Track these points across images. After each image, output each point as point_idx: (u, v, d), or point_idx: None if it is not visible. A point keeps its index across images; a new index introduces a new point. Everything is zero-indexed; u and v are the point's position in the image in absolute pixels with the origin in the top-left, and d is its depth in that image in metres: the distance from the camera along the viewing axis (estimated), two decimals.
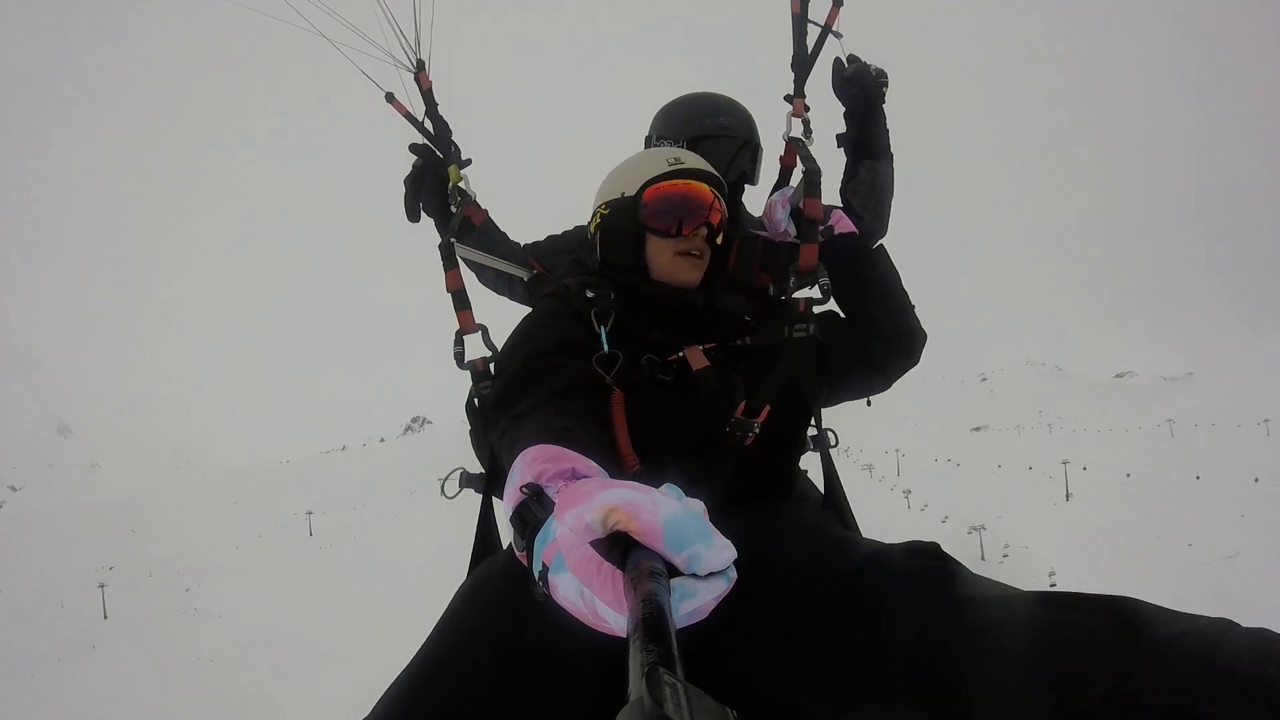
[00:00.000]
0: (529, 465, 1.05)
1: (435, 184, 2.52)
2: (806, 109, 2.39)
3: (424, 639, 1.40)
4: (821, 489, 1.90)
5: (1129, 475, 30.45)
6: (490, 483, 1.85)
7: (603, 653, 0.91)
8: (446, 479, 1.92)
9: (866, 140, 2.45)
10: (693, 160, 1.94)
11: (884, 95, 2.44)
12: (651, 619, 0.66)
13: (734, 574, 0.83)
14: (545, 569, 0.88)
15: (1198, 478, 28.82)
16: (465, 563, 1.77)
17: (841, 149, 2.48)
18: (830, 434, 1.99)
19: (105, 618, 26.30)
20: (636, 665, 0.60)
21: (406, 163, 2.57)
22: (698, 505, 0.88)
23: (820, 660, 1.18)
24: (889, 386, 2.07)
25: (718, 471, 1.59)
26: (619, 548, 0.82)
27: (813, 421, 1.94)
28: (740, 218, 2.52)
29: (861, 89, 2.43)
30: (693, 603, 0.79)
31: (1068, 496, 28.35)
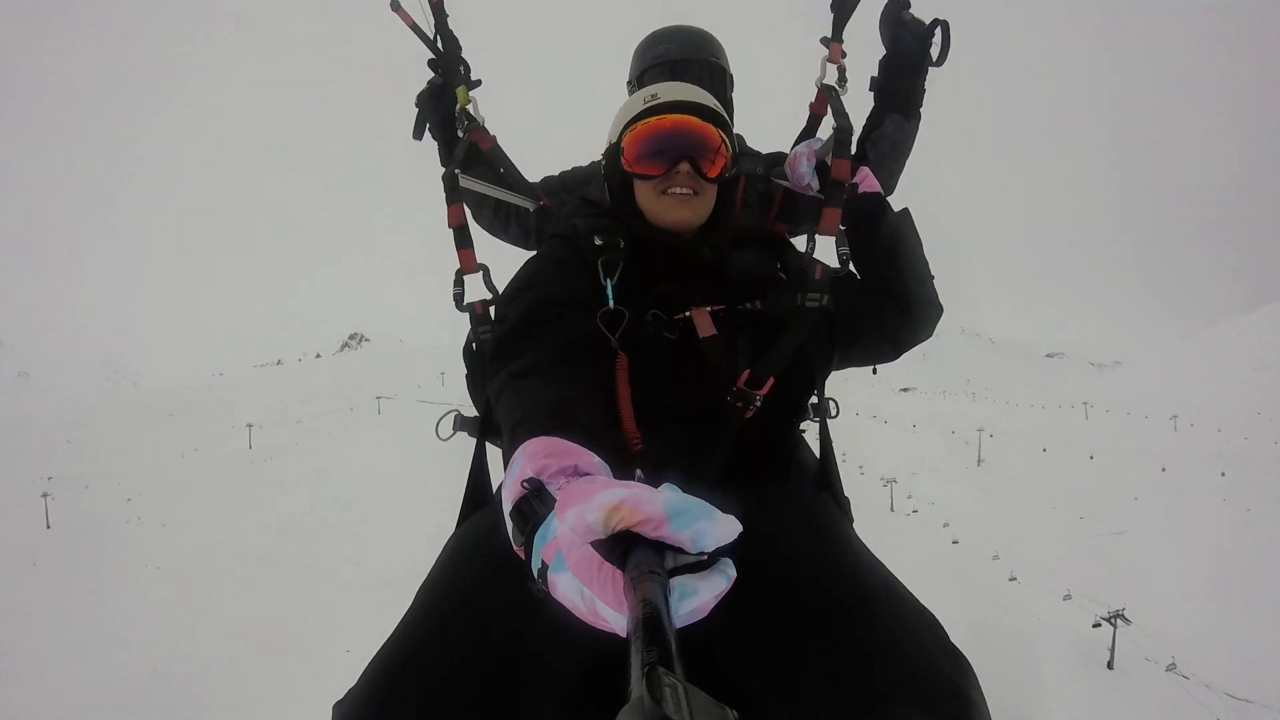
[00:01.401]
0: (530, 459, 1.04)
1: (447, 107, 2.38)
2: (844, 55, 2.22)
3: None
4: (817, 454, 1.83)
5: (1045, 450, 32.49)
6: (485, 428, 1.75)
7: (590, 638, 0.90)
8: (441, 420, 1.85)
9: (903, 92, 2.25)
10: (671, 92, 1.79)
11: (943, 57, 2.21)
12: (651, 619, 0.67)
13: (733, 572, 0.84)
14: (544, 566, 0.88)
15: (1091, 458, 31.17)
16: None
17: (870, 93, 2.27)
18: (832, 403, 1.88)
19: (48, 528, 26.48)
20: (636, 665, 0.61)
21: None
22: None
23: (812, 667, 1.16)
24: (899, 357, 1.94)
25: (718, 441, 1.53)
26: (619, 548, 0.82)
27: (815, 391, 1.85)
28: (738, 151, 2.33)
29: (917, 39, 2.19)
30: (693, 602, 0.79)
31: (979, 461, 30.34)
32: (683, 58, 2.42)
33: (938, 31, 2.17)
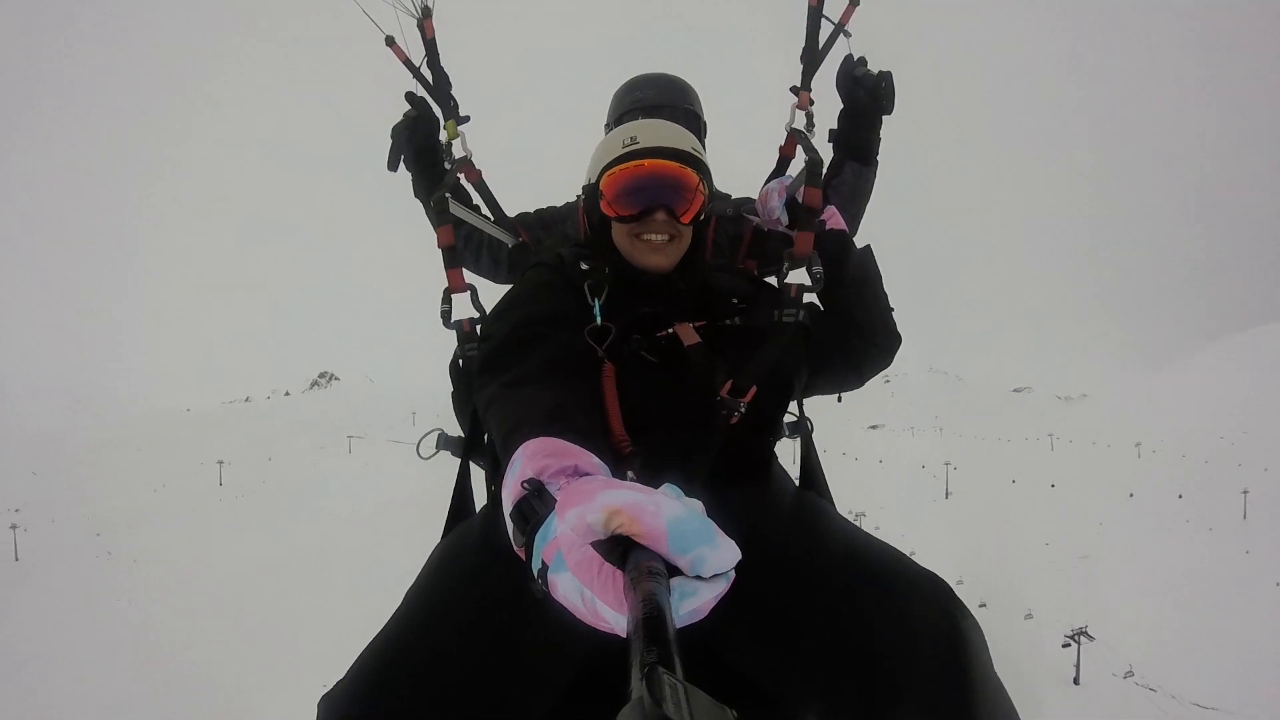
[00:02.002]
0: (530, 459, 1.04)
1: (423, 139, 2.39)
2: (811, 102, 2.37)
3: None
4: (795, 475, 1.87)
5: (1013, 482, 33.21)
6: (469, 447, 1.81)
7: (579, 636, 0.91)
8: (423, 439, 1.88)
9: (860, 142, 2.39)
10: (650, 136, 1.81)
11: (890, 106, 2.38)
12: (651, 619, 0.66)
13: (733, 573, 0.83)
14: (545, 566, 0.88)
15: (1052, 486, 31.96)
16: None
17: (830, 144, 2.39)
18: (808, 421, 1.97)
19: (17, 559, 26.13)
20: (637, 665, 0.61)
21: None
22: (698, 505, 0.86)
23: (806, 654, 1.19)
24: (862, 384, 2.01)
25: (704, 447, 1.56)
26: (619, 548, 0.81)
27: (791, 409, 1.90)
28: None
29: (869, 93, 2.35)
30: (693, 602, 0.79)
31: (947, 494, 30.95)
32: (660, 104, 2.51)
33: (885, 84, 2.34)
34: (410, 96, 2.37)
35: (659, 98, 2.54)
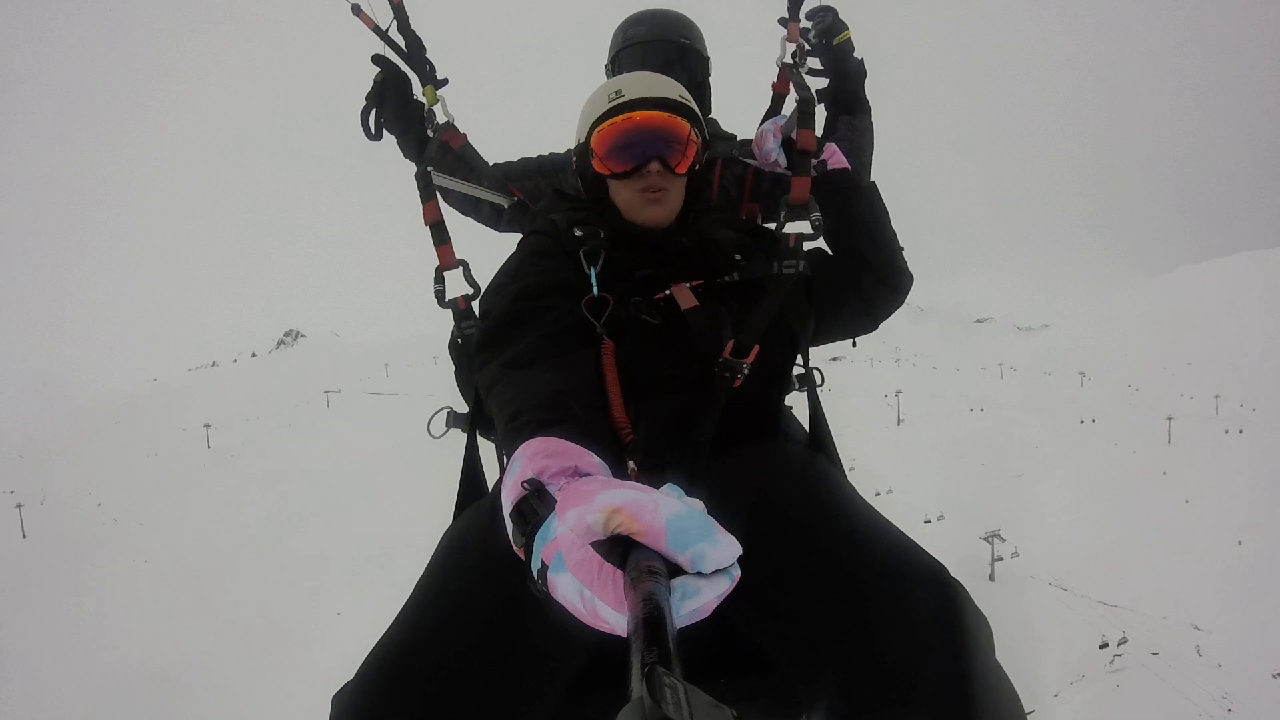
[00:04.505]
0: (530, 459, 1.03)
1: (396, 101, 2.31)
2: (802, 33, 2.26)
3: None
4: (806, 427, 1.82)
5: (971, 410, 35.04)
6: (475, 422, 1.77)
7: (590, 632, 0.84)
8: (433, 418, 1.83)
9: (842, 95, 2.35)
10: (636, 87, 1.74)
11: (849, 47, 2.34)
12: (651, 619, 0.66)
13: (737, 571, 0.81)
14: (544, 567, 0.86)
15: (981, 409, 33.95)
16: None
17: (821, 104, 2.29)
18: (817, 372, 1.88)
19: (24, 537, 26.53)
20: (637, 665, 0.60)
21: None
22: (698, 504, 0.85)
23: (808, 636, 1.17)
24: (877, 326, 1.93)
25: (707, 413, 1.52)
26: (619, 548, 0.80)
27: (799, 361, 1.82)
28: (714, 135, 2.39)
29: (826, 44, 2.33)
30: (695, 601, 0.77)
31: (899, 421, 32.75)
32: (653, 38, 2.44)
33: (836, 23, 2.33)
34: (376, 59, 2.30)
35: (651, 33, 2.48)
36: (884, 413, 35.02)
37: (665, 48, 2.47)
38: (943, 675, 1.10)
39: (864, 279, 1.83)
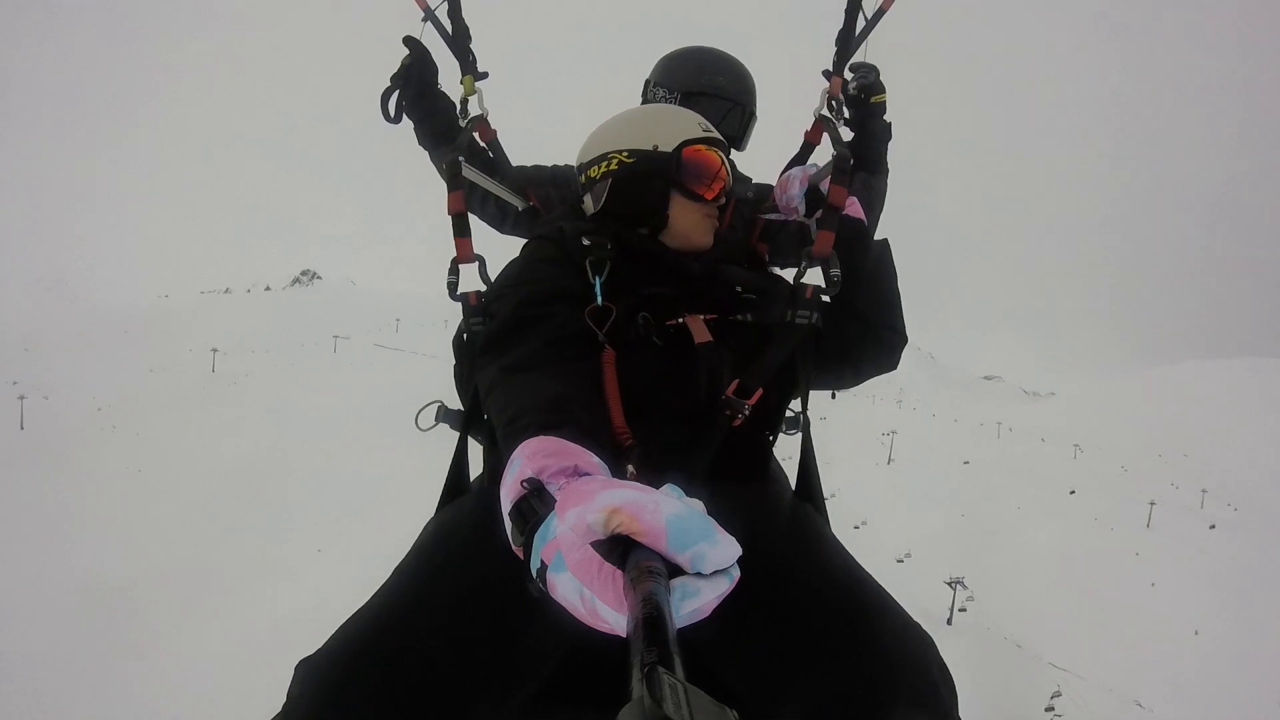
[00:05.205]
0: (530, 459, 1.05)
1: (421, 86, 2.29)
2: (844, 88, 2.27)
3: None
4: (793, 470, 1.84)
5: (966, 463, 35.59)
6: (468, 422, 1.78)
7: (572, 622, 0.88)
8: (422, 411, 1.86)
9: (864, 153, 2.37)
10: (709, 126, 1.89)
11: (881, 109, 2.33)
12: (651, 619, 0.68)
13: (737, 572, 0.84)
14: (544, 566, 0.89)
15: (966, 462, 34.38)
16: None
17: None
18: (806, 417, 1.90)
19: (22, 429, 26.12)
20: (637, 665, 0.62)
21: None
22: (698, 504, 0.88)
23: (810, 675, 1.19)
24: (859, 383, 1.95)
25: (705, 446, 1.55)
26: (619, 548, 0.84)
27: (794, 404, 1.87)
28: (735, 176, 2.39)
29: (864, 99, 2.34)
30: (694, 602, 0.80)
31: (889, 461, 33.24)
32: (735, 100, 2.51)
33: (874, 85, 2.37)
34: (408, 40, 2.28)
35: (735, 92, 2.53)
36: (876, 450, 35.43)
37: (742, 113, 2.59)
38: (930, 692, 1.15)
39: (855, 332, 1.85)
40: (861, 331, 1.84)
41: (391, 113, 2.29)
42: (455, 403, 1.99)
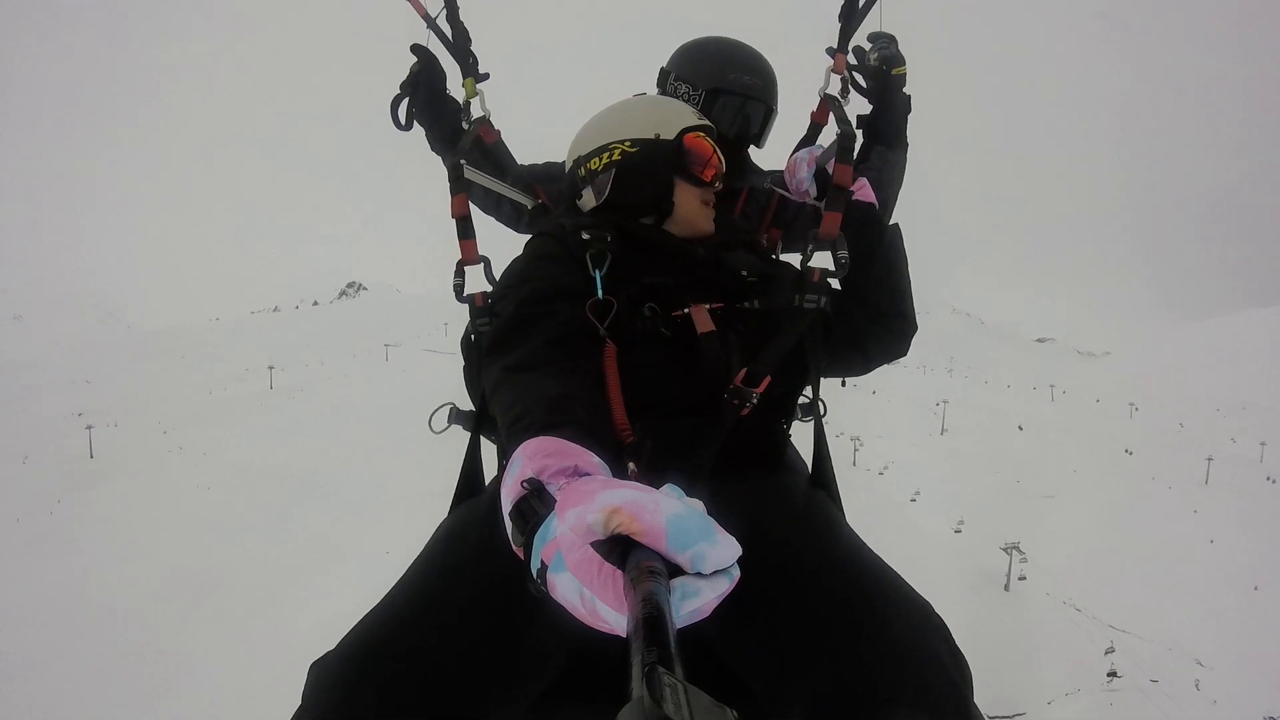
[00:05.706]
0: (530, 459, 1.04)
1: (430, 92, 2.31)
2: (859, 56, 2.26)
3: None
4: (809, 456, 1.79)
5: (1020, 428, 35.59)
6: (480, 423, 1.77)
7: (573, 622, 0.86)
8: (435, 413, 1.86)
9: (883, 126, 2.33)
10: (705, 119, 1.91)
11: (901, 80, 2.28)
12: (651, 618, 0.67)
13: (737, 572, 0.83)
14: (544, 567, 0.87)
15: (1021, 427, 34.41)
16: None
17: (860, 130, 2.27)
18: (820, 404, 1.88)
19: (92, 457, 26.91)
20: (637, 665, 0.61)
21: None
22: (698, 504, 0.87)
23: (817, 667, 1.16)
24: (868, 371, 1.89)
25: (711, 438, 1.52)
26: (619, 548, 0.82)
27: (806, 391, 1.84)
28: (747, 169, 2.43)
29: (884, 71, 2.29)
30: (695, 602, 0.79)
31: (943, 430, 33.23)
32: (764, 100, 2.41)
33: (894, 58, 2.28)
34: (415, 48, 2.27)
35: (764, 94, 2.43)
36: (929, 421, 35.39)
37: (766, 112, 2.49)
38: (914, 709, 1.11)
39: (865, 318, 1.81)
40: (872, 318, 1.80)
41: (402, 120, 2.32)
42: (468, 404, 1.97)
